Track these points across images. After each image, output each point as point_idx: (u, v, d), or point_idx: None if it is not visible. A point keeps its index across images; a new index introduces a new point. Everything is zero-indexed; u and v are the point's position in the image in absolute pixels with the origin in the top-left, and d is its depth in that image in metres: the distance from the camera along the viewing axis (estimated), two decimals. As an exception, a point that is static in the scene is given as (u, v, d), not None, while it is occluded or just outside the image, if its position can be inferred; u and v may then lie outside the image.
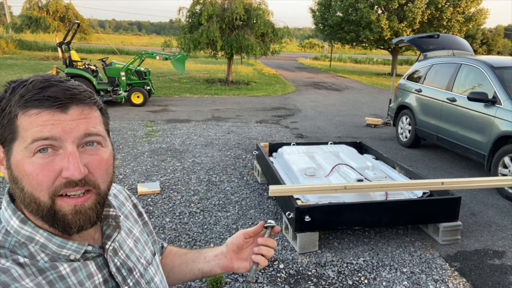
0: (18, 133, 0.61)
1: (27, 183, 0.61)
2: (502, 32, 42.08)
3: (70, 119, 0.62)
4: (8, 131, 0.62)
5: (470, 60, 5.44)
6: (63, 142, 0.61)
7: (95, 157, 0.65)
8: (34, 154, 0.60)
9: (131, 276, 0.75)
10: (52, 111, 0.61)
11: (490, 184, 4.06)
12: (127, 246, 0.79)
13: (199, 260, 0.98)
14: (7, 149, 0.63)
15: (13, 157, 0.62)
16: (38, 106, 0.60)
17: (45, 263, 0.64)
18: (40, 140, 0.60)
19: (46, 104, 0.61)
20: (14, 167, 0.62)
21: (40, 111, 0.60)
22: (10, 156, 0.62)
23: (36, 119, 0.60)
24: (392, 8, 18.51)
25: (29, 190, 0.62)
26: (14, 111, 0.61)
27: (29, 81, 0.63)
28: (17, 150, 0.61)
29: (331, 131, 7.59)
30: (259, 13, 12.63)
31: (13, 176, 0.63)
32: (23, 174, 0.61)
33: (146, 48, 26.11)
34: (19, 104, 0.61)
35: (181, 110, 9.05)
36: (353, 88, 14.74)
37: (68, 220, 0.63)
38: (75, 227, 0.64)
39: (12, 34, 24.57)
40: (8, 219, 0.65)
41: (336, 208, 3.19)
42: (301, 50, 49.39)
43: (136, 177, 4.62)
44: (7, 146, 0.63)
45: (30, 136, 0.60)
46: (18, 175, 0.62)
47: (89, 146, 0.65)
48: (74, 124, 0.62)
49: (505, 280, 2.90)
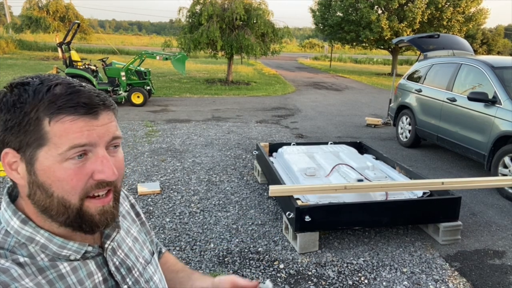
0: (48, 139, 0.61)
1: (58, 187, 0.62)
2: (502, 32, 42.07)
3: (101, 124, 0.64)
4: (33, 136, 0.61)
5: (470, 60, 5.44)
6: (95, 147, 0.63)
7: (117, 158, 0.68)
8: (66, 160, 0.61)
9: (130, 275, 0.75)
10: (86, 117, 0.62)
11: (490, 184, 4.06)
12: (126, 245, 0.79)
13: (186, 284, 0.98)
14: (28, 154, 0.62)
15: (39, 163, 0.62)
16: (73, 112, 0.61)
17: (45, 263, 0.64)
18: (78, 147, 0.61)
19: (81, 111, 0.62)
20: (42, 173, 0.62)
21: (75, 118, 0.61)
22: (35, 162, 0.62)
23: (71, 126, 0.61)
24: (392, 8, 18.51)
25: (60, 194, 0.62)
26: (42, 117, 0.61)
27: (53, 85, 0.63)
28: (45, 156, 0.61)
29: (331, 131, 7.59)
30: (259, 13, 12.63)
31: (39, 182, 0.62)
32: (54, 180, 0.62)
33: (146, 48, 26.11)
34: (51, 111, 0.61)
35: (181, 110, 9.05)
36: (353, 88, 14.74)
37: (96, 220, 0.66)
38: (102, 226, 0.67)
39: (12, 34, 24.58)
40: (8, 220, 0.65)
41: (336, 208, 3.19)
42: (301, 50, 49.39)
43: (136, 177, 4.62)
44: (28, 151, 0.62)
45: (66, 143, 0.61)
46: (47, 181, 0.62)
47: (112, 148, 0.67)
48: (105, 129, 0.64)
49: (505, 280, 2.90)
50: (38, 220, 0.66)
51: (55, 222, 0.65)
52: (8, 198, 0.68)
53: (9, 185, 0.70)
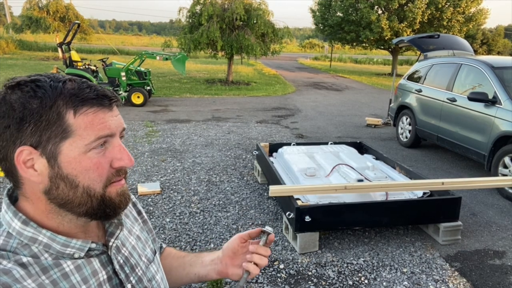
0: (73, 132, 0.62)
1: (85, 177, 0.65)
2: (502, 32, 42.07)
3: (115, 115, 0.68)
4: (55, 130, 0.62)
5: (470, 60, 5.44)
6: (112, 137, 0.67)
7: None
8: (90, 150, 0.64)
9: (133, 274, 0.76)
10: (105, 109, 0.66)
11: (490, 184, 4.06)
12: (129, 244, 0.79)
13: (196, 264, 0.98)
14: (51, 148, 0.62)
15: (64, 155, 0.63)
16: (95, 104, 0.64)
17: (49, 261, 0.64)
18: (103, 137, 0.65)
19: (102, 102, 0.65)
20: (67, 165, 0.63)
21: (97, 109, 0.64)
22: (58, 155, 0.63)
23: (94, 117, 0.64)
24: (392, 8, 18.52)
25: (86, 184, 0.65)
26: (63, 110, 0.62)
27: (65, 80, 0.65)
28: (70, 148, 0.63)
29: (331, 131, 7.59)
30: (259, 13, 12.63)
31: (63, 174, 0.64)
32: (80, 170, 0.64)
33: (146, 48, 26.11)
34: (74, 103, 0.63)
35: (181, 110, 9.05)
36: (353, 88, 14.74)
37: (116, 202, 0.69)
38: (123, 206, 0.71)
39: (12, 34, 24.57)
40: (9, 222, 0.65)
41: (336, 208, 3.20)
42: (301, 50, 49.40)
43: (136, 177, 4.62)
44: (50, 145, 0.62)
45: (92, 134, 0.63)
46: (72, 172, 0.64)
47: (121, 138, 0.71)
48: (118, 120, 0.68)
49: (505, 280, 2.90)
50: (44, 219, 0.66)
51: (73, 213, 0.67)
52: (8, 200, 0.68)
53: (9, 187, 0.70)
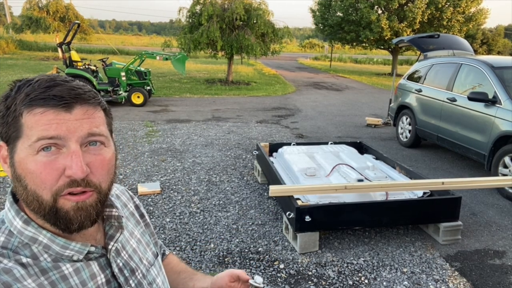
0: (23, 131, 0.61)
1: (30, 181, 0.62)
2: (502, 32, 42.02)
3: (74, 118, 0.62)
4: (12, 129, 0.62)
5: (470, 60, 5.44)
6: (66, 141, 0.62)
7: (98, 157, 0.65)
8: (38, 152, 0.61)
9: (133, 277, 0.75)
10: (57, 110, 0.61)
11: (491, 184, 4.06)
12: (130, 247, 0.79)
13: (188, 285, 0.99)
14: (11, 147, 0.64)
15: (16, 155, 0.63)
16: (43, 105, 0.61)
17: (48, 263, 0.64)
18: (45, 139, 0.60)
19: (52, 103, 0.61)
20: (18, 164, 0.63)
21: (45, 110, 0.61)
22: (14, 154, 0.63)
23: (41, 118, 0.61)
24: (392, 8, 18.50)
25: (32, 188, 0.62)
26: (19, 110, 0.62)
27: (35, 80, 0.64)
28: (21, 148, 0.62)
29: (331, 131, 7.59)
30: (259, 13, 12.62)
31: (17, 174, 0.63)
32: (27, 172, 0.62)
33: (146, 48, 26.10)
34: (24, 103, 0.62)
35: (181, 110, 9.05)
36: (353, 88, 14.74)
37: (70, 216, 0.63)
38: (76, 223, 0.64)
39: (12, 34, 24.55)
40: (11, 220, 0.66)
41: (337, 208, 3.19)
42: (301, 50, 49.37)
43: (136, 177, 4.62)
44: (11, 144, 0.63)
45: (35, 135, 0.60)
46: (22, 173, 0.62)
47: (92, 146, 0.65)
48: (78, 123, 0.63)
49: (505, 280, 2.90)
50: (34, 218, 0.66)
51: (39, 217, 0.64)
52: (12, 198, 0.68)
53: (13, 186, 0.70)
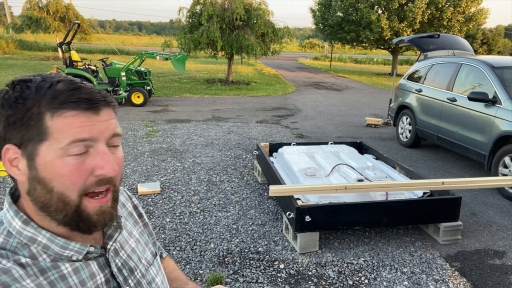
0: (49, 134, 0.61)
1: (59, 183, 0.62)
2: (503, 32, 42.00)
3: (102, 120, 0.65)
4: (33, 132, 0.61)
5: (470, 60, 5.44)
6: (96, 142, 0.64)
7: (116, 156, 0.68)
8: (68, 155, 0.61)
9: (132, 277, 0.75)
10: (88, 112, 0.63)
11: (491, 184, 4.06)
12: (128, 247, 0.79)
13: None
14: (29, 149, 0.62)
15: (40, 157, 0.62)
16: (75, 108, 0.62)
17: (47, 263, 0.64)
18: (79, 141, 0.62)
19: (83, 106, 0.63)
20: (42, 167, 0.62)
21: (77, 113, 0.62)
22: (35, 157, 0.62)
23: (73, 120, 0.62)
24: (392, 8, 18.50)
25: (59, 190, 0.62)
26: (43, 112, 0.61)
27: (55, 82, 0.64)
28: (46, 151, 0.61)
29: (331, 131, 7.59)
30: (259, 13, 12.63)
31: (39, 177, 0.62)
32: (55, 175, 0.62)
33: (146, 48, 26.12)
34: (53, 106, 0.61)
35: (182, 110, 9.05)
36: (353, 88, 14.74)
37: (93, 220, 0.66)
38: (99, 226, 0.67)
39: (12, 34, 24.53)
40: (10, 220, 0.65)
41: (337, 208, 3.19)
42: (301, 50, 49.37)
43: (136, 177, 4.62)
44: (29, 146, 0.62)
45: (68, 138, 0.61)
46: (47, 176, 0.62)
47: (111, 146, 0.68)
48: (105, 125, 0.65)
49: (505, 280, 2.90)
50: (38, 219, 0.66)
51: (53, 220, 0.65)
52: (10, 198, 0.68)
53: (11, 186, 0.70)
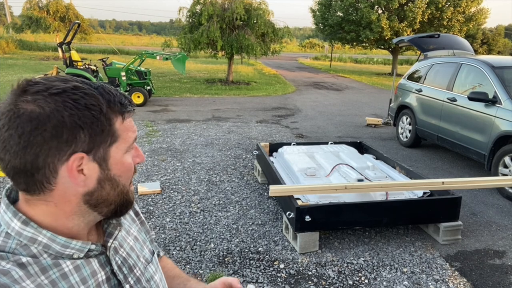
0: (119, 136, 0.68)
1: (125, 177, 0.71)
2: (503, 31, 41.99)
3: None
4: (106, 135, 0.66)
5: (470, 60, 5.44)
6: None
7: None
8: (127, 152, 0.70)
9: (132, 274, 0.76)
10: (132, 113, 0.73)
11: (491, 184, 4.06)
12: (127, 245, 0.79)
13: None
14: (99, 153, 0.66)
15: (112, 158, 0.68)
16: (128, 110, 0.71)
17: (48, 261, 0.64)
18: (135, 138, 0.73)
19: (130, 108, 0.72)
20: (115, 166, 0.68)
21: (129, 115, 0.71)
22: (109, 158, 0.67)
23: (130, 121, 0.71)
24: (392, 8, 18.50)
25: (123, 182, 0.71)
26: (113, 117, 0.67)
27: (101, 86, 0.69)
28: (116, 151, 0.68)
29: (331, 131, 7.59)
30: (260, 13, 12.63)
31: (111, 176, 0.68)
32: (123, 170, 0.70)
33: (146, 48, 26.12)
34: (116, 109, 0.68)
35: (182, 110, 9.05)
36: (353, 88, 14.74)
37: (131, 199, 0.75)
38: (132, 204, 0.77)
39: (12, 34, 24.55)
40: (8, 222, 0.65)
41: (337, 208, 3.19)
42: (301, 50, 49.37)
43: (136, 177, 4.62)
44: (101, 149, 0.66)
45: (132, 136, 0.71)
46: (118, 172, 0.69)
47: None
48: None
49: (505, 280, 2.90)
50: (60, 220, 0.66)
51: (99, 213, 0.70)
52: (7, 200, 0.68)
53: (7, 188, 0.70)
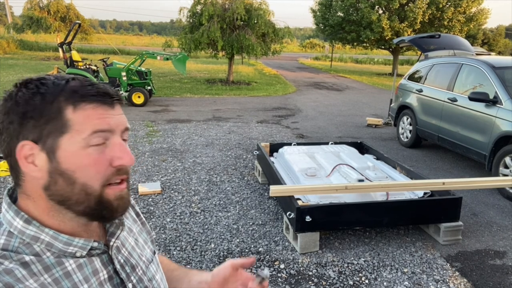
0: (70, 126, 0.63)
1: (82, 174, 0.64)
2: (503, 32, 41.99)
3: (116, 113, 0.68)
4: (53, 125, 0.63)
5: (471, 60, 5.43)
6: (113, 134, 0.67)
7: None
8: (89, 146, 0.64)
9: (134, 273, 0.76)
10: (105, 106, 0.66)
11: (491, 184, 4.05)
12: (129, 244, 0.80)
13: (183, 281, 0.97)
14: (49, 143, 0.63)
15: (62, 150, 0.63)
16: (94, 100, 0.65)
17: (51, 260, 0.65)
18: (100, 131, 0.65)
19: (101, 99, 0.66)
20: (64, 159, 0.64)
21: (96, 105, 0.65)
22: (57, 150, 0.63)
23: (92, 112, 0.65)
24: (393, 8, 18.50)
25: (82, 180, 0.65)
26: (63, 106, 0.64)
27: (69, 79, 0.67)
28: (68, 143, 0.63)
29: (331, 131, 7.59)
30: (260, 13, 12.63)
31: (61, 169, 0.64)
32: (78, 166, 0.64)
33: (147, 48, 26.14)
34: (74, 99, 0.64)
35: (182, 110, 9.05)
36: (354, 88, 14.74)
37: (114, 206, 0.68)
38: (120, 211, 0.70)
39: (13, 34, 24.58)
40: (10, 221, 0.66)
41: (337, 208, 3.19)
42: (302, 50, 49.37)
43: (137, 177, 4.63)
44: (49, 140, 0.63)
45: (89, 128, 0.64)
46: (70, 167, 0.64)
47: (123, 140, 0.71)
48: (120, 118, 0.69)
49: (506, 280, 2.90)
50: (46, 217, 0.66)
51: (72, 212, 0.66)
52: (9, 199, 0.68)
53: (9, 187, 0.70)
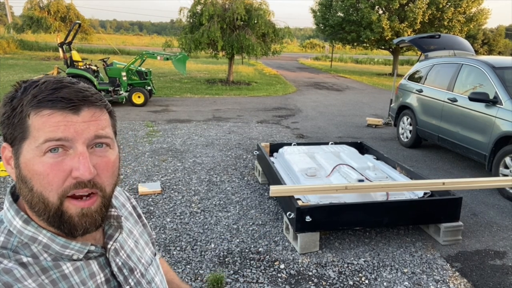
0: (30, 133, 0.61)
1: (37, 182, 0.62)
2: (503, 32, 41.96)
3: (81, 120, 0.63)
4: (18, 130, 0.62)
5: (471, 60, 5.43)
6: (74, 143, 0.62)
7: (103, 159, 0.66)
8: (45, 154, 0.61)
9: (132, 276, 0.76)
10: (64, 112, 0.62)
11: (491, 184, 4.05)
12: (128, 247, 0.79)
13: None
14: (16, 148, 0.63)
15: (22, 156, 0.62)
16: (51, 107, 0.61)
17: (48, 262, 0.65)
18: (53, 140, 0.61)
19: (59, 105, 0.62)
20: (24, 166, 0.62)
21: (53, 112, 0.61)
22: (20, 155, 0.63)
23: (48, 119, 0.61)
24: (393, 8, 18.50)
25: (38, 189, 0.62)
26: (26, 111, 0.62)
27: (41, 82, 0.64)
28: (27, 149, 0.62)
29: (332, 131, 7.58)
30: (260, 13, 12.63)
31: (22, 175, 0.63)
32: (33, 174, 0.61)
33: (147, 48, 26.15)
34: (31, 104, 0.61)
35: (182, 110, 9.05)
36: (354, 88, 14.73)
37: (75, 222, 0.64)
38: (80, 230, 0.65)
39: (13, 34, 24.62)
40: (11, 220, 0.66)
41: (337, 208, 3.19)
42: (302, 50, 49.37)
43: (137, 177, 4.63)
44: (16, 145, 0.63)
45: (42, 136, 0.61)
46: (28, 174, 0.62)
47: (98, 148, 0.66)
48: (85, 125, 0.63)
49: (506, 280, 2.90)
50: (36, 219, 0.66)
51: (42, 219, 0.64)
52: (11, 197, 0.68)
53: (12, 185, 0.70)
